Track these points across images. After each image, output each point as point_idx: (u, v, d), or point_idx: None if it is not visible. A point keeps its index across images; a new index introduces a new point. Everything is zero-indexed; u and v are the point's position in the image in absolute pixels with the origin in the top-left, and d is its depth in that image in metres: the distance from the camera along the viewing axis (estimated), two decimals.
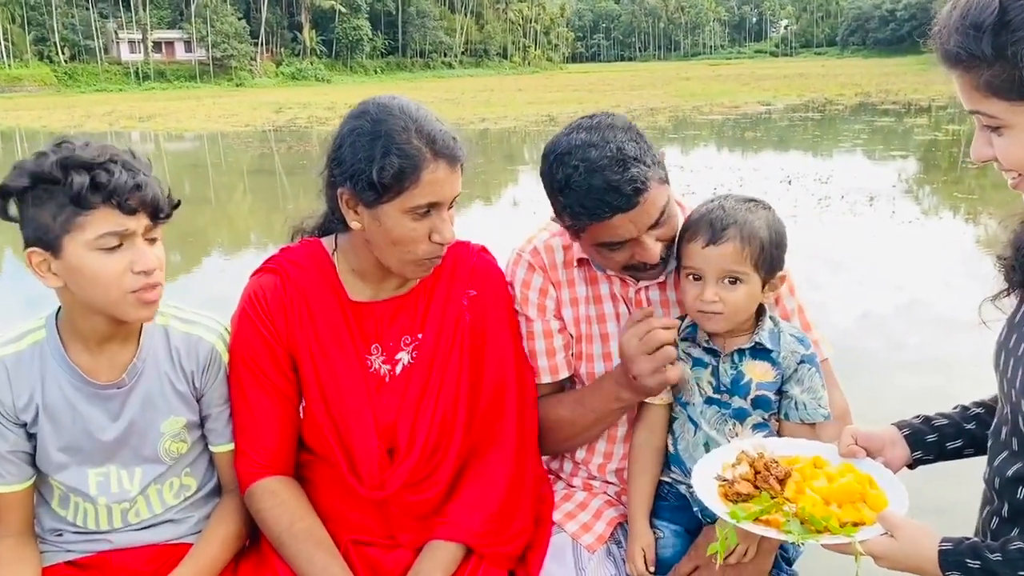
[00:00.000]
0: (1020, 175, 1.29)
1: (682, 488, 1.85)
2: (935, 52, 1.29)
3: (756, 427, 1.80)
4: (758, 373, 1.78)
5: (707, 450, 1.79)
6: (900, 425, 1.68)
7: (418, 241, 1.68)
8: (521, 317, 1.96)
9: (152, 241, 1.61)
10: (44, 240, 1.54)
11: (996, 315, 1.53)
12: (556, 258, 1.97)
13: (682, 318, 1.88)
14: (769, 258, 1.72)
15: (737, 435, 1.79)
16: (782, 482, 1.53)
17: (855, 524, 1.42)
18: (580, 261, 1.95)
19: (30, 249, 1.55)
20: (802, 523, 1.42)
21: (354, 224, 1.71)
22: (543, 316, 1.95)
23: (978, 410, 1.67)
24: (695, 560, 1.78)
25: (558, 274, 1.96)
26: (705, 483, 1.57)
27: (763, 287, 1.75)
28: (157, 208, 1.60)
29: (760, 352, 1.78)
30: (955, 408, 1.70)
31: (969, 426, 1.65)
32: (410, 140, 1.62)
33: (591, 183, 1.65)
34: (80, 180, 1.50)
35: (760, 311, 1.80)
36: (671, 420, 1.87)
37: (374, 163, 1.61)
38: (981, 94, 1.25)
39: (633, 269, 1.81)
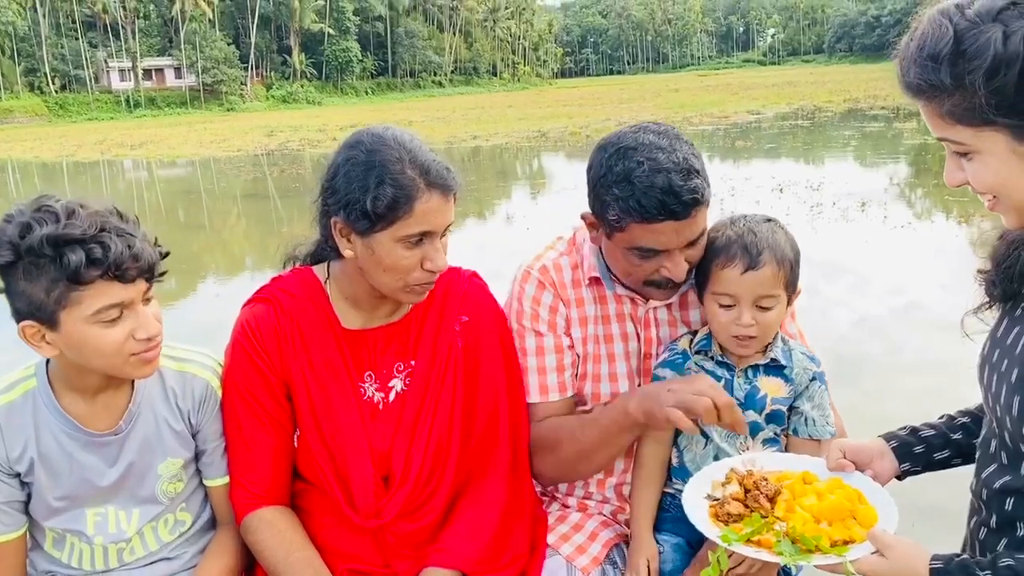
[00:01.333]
0: (995, 197, 1.30)
1: None
2: (899, 83, 1.31)
3: (767, 442, 1.80)
4: (772, 388, 1.79)
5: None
6: (887, 437, 1.69)
7: (410, 269, 1.69)
8: (530, 333, 1.93)
9: (148, 300, 1.59)
10: (38, 315, 1.50)
11: (980, 327, 1.53)
12: (565, 277, 1.96)
13: (692, 333, 1.88)
14: (795, 276, 1.75)
15: (748, 448, 1.79)
16: (772, 500, 1.54)
17: (846, 542, 1.42)
18: (591, 280, 1.95)
19: (24, 323, 1.51)
20: (793, 542, 1.42)
21: (347, 252, 1.72)
22: (554, 332, 1.93)
23: (964, 419, 1.68)
24: (696, 574, 1.76)
25: (568, 292, 1.95)
26: (696, 504, 1.57)
27: (788, 304, 1.77)
28: (153, 270, 1.57)
29: (773, 368, 1.79)
30: (941, 418, 1.71)
31: (956, 436, 1.66)
32: (404, 170, 1.63)
33: (653, 181, 1.65)
34: (76, 258, 1.44)
35: None
36: (676, 433, 1.86)
37: (368, 193, 1.62)
38: (946, 122, 1.27)
39: (653, 285, 1.81)
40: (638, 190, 1.66)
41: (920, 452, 1.65)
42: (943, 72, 1.22)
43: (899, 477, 1.67)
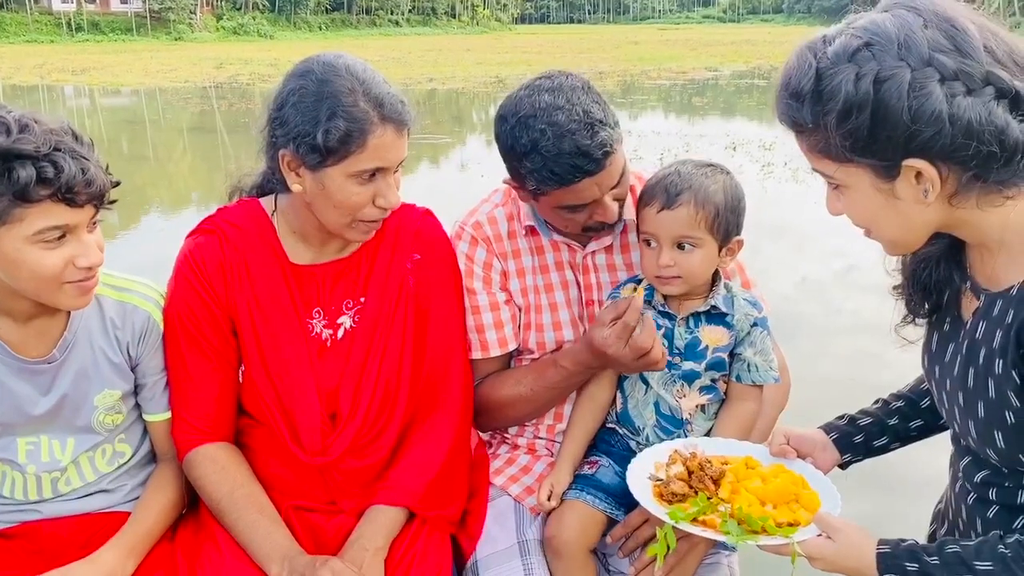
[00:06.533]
0: (868, 229, 1.32)
1: (632, 443, 1.87)
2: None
3: (704, 390, 1.83)
4: (714, 338, 1.81)
5: (657, 409, 1.83)
6: (827, 429, 1.73)
7: (361, 205, 1.65)
8: (465, 291, 1.93)
9: (93, 228, 1.53)
10: None
11: (917, 334, 1.55)
12: (501, 229, 1.95)
13: (637, 280, 1.90)
14: (724, 223, 1.74)
15: (685, 396, 1.82)
16: (716, 482, 1.56)
17: (791, 524, 1.45)
18: (527, 231, 1.94)
19: None
20: (739, 523, 1.44)
21: (295, 187, 1.67)
22: (488, 288, 1.93)
23: (899, 403, 1.72)
24: (644, 514, 1.78)
25: (504, 245, 1.94)
26: (640, 484, 1.59)
27: (720, 251, 1.77)
28: (104, 197, 1.51)
29: (715, 317, 1.81)
30: (876, 404, 1.75)
31: (892, 422, 1.70)
32: (357, 103, 1.58)
33: (560, 148, 1.63)
34: (26, 175, 1.38)
35: (715, 275, 1.83)
36: (621, 379, 1.89)
37: (319, 126, 1.57)
38: (814, 156, 1.27)
39: (592, 229, 1.82)
40: (548, 159, 1.65)
41: (860, 442, 1.70)
42: (804, 111, 1.23)
43: (842, 466, 1.72)
